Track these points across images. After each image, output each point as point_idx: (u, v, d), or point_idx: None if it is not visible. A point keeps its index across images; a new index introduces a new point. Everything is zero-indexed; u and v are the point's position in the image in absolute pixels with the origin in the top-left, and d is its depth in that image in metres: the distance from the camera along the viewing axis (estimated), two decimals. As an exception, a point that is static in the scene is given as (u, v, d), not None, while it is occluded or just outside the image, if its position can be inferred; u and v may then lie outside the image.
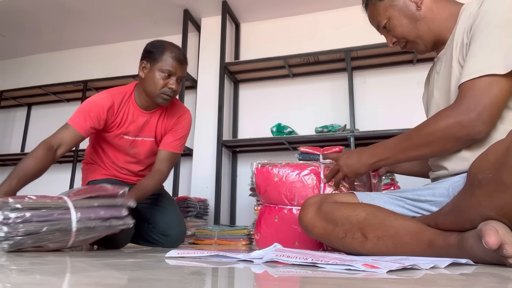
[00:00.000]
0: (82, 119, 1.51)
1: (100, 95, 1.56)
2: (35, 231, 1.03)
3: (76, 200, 1.13)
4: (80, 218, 1.11)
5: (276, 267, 0.71)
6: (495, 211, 0.70)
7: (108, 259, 0.92)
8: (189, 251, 1.02)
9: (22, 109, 3.74)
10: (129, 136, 1.62)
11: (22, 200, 1.06)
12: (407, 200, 1.02)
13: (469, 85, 0.88)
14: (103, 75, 3.30)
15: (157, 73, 1.51)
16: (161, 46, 1.54)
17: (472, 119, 0.87)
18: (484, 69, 0.87)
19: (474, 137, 0.90)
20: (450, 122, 0.90)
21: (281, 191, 1.34)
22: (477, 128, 0.87)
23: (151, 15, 3.15)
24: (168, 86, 1.52)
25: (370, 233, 0.91)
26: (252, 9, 3.05)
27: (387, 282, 0.51)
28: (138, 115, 1.61)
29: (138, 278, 0.56)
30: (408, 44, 1.13)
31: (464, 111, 0.88)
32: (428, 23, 1.06)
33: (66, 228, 1.08)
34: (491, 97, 0.86)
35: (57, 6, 3.04)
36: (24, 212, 1.03)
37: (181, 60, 1.54)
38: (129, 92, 1.61)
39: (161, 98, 1.54)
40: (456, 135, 0.90)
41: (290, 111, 2.90)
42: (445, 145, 0.93)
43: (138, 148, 1.66)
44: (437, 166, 1.05)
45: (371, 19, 1.17)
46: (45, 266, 0.80)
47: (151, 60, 1.53)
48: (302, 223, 1.07)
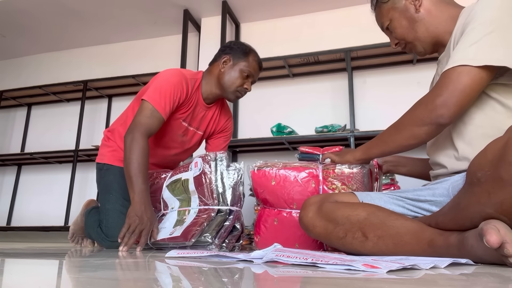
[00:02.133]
0: (168, 103, 1.45)
1: (178, 77, 1.50)
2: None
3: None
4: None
5: (276, 267, 0.71)
6: (494, 208, 0.70)
7: (108, 259, 0.92)
8: (189, 251, 1.01)
9: (22, 109, 3.74)
10: (186, 123, 1.62)
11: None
12: (407, 200, 1.02)
13: (444, 74, 0.93)
14: (103, 75, 3.30)
15: (239, 71, 1.58)
16: (247, 47, 1.63)
17: (437, 104, 0.92)
18: (458, 60, 0.91)
19: (437, 121, 0.93)
20: (417, 106, 0.97)
21: (279, 195, 1.31)
22: (440, 111, 0.92)
23: (151, 15, 3.15)
24: (244, 86, 1.60)
25: (371, 232, 0.91)
26: (252, 9, 3.05)
27: (387, 282, 0.51)
28: (199, 105, 1.64)
29: (138, 278, 0.56)
30: (407, 45, 1.17)
31: (432, 96, 0.94)
32: (426, 25, 1.09)
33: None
34: (459, 84, 0.90)
35: (57, 6, 3.04)
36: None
37: (261, 66, 1.65)
38: (199, 80, 1.63)
39: (234, 95, 1.61)
40: (422, 119, 0.95)
41: (290, 111, 2.89)
42: (413, 129, 0.97)
43: (187, 137, 1.67)
44: (437, 165, 1.06)
45: (377, 20, 1.22)
46: (45, 266, 0.80)
47: (235, 57, 1.59)
48: (302, 223, 1.07)
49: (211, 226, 1.24)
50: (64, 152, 3.09)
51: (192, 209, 1.35)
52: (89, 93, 3.30)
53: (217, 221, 1.26)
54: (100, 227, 1.52)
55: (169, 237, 1.27)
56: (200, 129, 1.69)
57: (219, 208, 1.30)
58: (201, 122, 1.68)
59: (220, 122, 1.75)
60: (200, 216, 1.29)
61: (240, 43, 1.66)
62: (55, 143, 3.36)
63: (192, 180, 1.37)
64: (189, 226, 1.25)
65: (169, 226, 1.34)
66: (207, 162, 1.35)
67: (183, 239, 1.23)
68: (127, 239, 1.27)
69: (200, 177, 1.34)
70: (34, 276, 0.61)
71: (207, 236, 1.21)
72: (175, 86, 1.48)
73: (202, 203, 1.33)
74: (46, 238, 3.21)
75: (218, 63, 1.61)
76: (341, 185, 1.27)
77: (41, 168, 3.49)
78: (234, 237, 1.29)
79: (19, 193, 3.48)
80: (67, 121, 3.43)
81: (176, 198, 1.43)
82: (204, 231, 1.23)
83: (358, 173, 1.26)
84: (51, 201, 3.31)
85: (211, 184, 1.33)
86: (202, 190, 1.34)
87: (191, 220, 1.29)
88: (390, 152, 1.13)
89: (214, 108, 1.71)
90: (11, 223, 3.38)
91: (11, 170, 3.58)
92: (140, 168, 1.33)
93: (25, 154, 3.24)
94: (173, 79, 1.49)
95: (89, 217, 1.63)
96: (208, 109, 1.68)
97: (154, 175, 1.55)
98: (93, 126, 3.40)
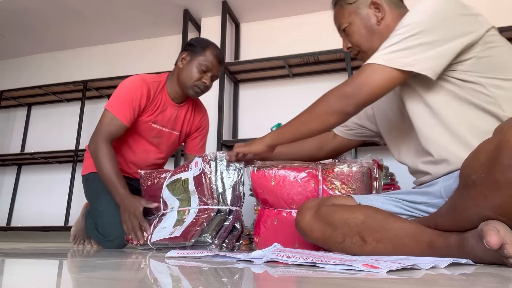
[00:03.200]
0: (127, 110, 1.53)
1: (136, 83, 1.57)
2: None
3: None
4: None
5: (276, 267, 0.71)
6: (492, 210, 0.70)
7: (108, 259, 0.92)
8: (189, 251, 1.02)
9: (22, 109, 3.74)
10: (157, 125, 1.66)
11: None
12: (403, 201, 1.02)
13: (361, 68, 0.99)
14: (103, 75, 3.29)
15: (195, 66, 1.59)
16: (205, 42, 1.64)
17: (346, 94, 0.98)
18: (375, 58, 0.96)
19: (343, 109, 1.00)
20: (329, 95, 1.02)
21: (279, 195, 1.30)
22: (348, 101, 0.98)
23: (151, 15, 3.15)
24: (202, 80, 1.60)
25: (369, 236, 0.91)
26: (252, 9, 3.05)
27: (387, 282, 0.51)
28: (167, 106, 1.66)
29: (138, 278, 0.56)
30: (360, 53, 1.18)
31: (343, 87, 0.99)
32: (383, 39, 1.07)
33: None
34: (369, 79, 0.95)
35: (58, 6, 3.04)
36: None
37: (220, 59, 1.63)
38: (163, 82, 1.66)
39: (193, 90, 1.61)
40: (332, 107, 1.01)
41: (290, 111, 2.87)
42: (324, 117, 1.03)
43: (163, 139, 1.70)
44: (418, 173, 1.06)
45: (335, 18, 1.22)
46: (45, 266, 0.80)
47: (193, 53, 1.61)
48: (299, 227, 1.06)
49: (211, 226, 1.24)
50: (64, 152, 3.08)
51: (192, 209, 1.35)
52: (89, 93, 3.29)
53: (217, 221, 1.26)
54: (96, 230, 1.53)
55: (169, 237, 1.27)
56: (176, 129, 1.72)
57: (219, 208, 1.31)
58: (175, 122, 1.70)
59: (195, 120, 1.78)
60: (200, 216, 1.29)
61: (200, 39, 1.69)
62: (55, 143, 3.36)
63: (192, 180, 1.37)
64: (189, 226, 1.26)
65: (168, 226, 1.34)
66: (207, 162, 1.35)
67: (183, 239, 1.23)
68: (134, 234, 1.38)
69: (200, 177, 1.35)
70: (34, 276, 0.61)
71: (207, 236, 1.21)
72: (133, 92, 1.54)
73: (202, 203, 1.33)
74: (46, 238, 3.21)
75: (178, 61, 1.65)
76: (341, 184, 1.27)
77: (41, 168, 3.49)
78: (234, 237, 1.29)
79: (19, 193, 3.48)
80: (67, 121, 3.43)
81: (176, 197, 1.43)
82: (204, 231, 1.23)
83: (358, 172, 1.26)
84: (51, 201, 3.31)
85: (211, 184, 1.33)
86: (202, 190, 1.34)
87: (191, 220, 1.29)
88: (300, 138, 1.16)
89: (186, 106, 1.73)
90: (11, 223, 3.38)
91: (11, 170, 3.58)
92: (111, 170, 1.45)
93: (25, 154, 3.24)
94: (131, 85, 1.55)
95: (88, 219, 1.64)
96: (179, 108, 1.70)
97: (154, 174, 1.55)
98: (93, 126, 3.33)
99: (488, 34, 0.92)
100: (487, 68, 0.92)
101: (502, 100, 0.91)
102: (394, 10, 1.11)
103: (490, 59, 0.92)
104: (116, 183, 1.44)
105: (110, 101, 1.55)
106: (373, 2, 1.12)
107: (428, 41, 0.91)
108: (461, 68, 0.93)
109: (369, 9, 1.12)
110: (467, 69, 0.93)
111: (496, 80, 0.92)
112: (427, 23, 0.92)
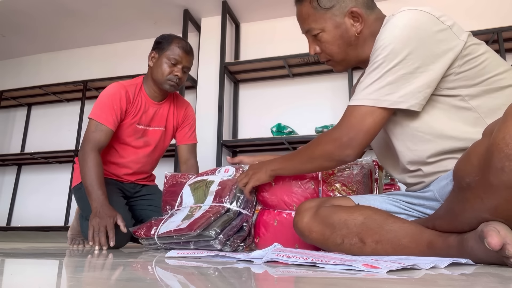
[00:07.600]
0: (109, 114, 1.58)
1: (114, 88, 1.64)
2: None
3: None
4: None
5: (276, 267, 0.71)
6: (490, 212, 0.70)
7: (107, 259, 0.92)
8: (189, 251, 1.02)
9: (22, 109, 3.74)
10: (142, 126, 1.71)
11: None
12: (401, 202, 1.02)
13: (350, 110, 0.96)
14: (103, 75, 3.30)
15: (164, 61, 1.64)
16: (170, 37, 1.69)
17: (344, 143, 0.97)
18: (362, 100, 0.94)
19: (344, 159, 1.00)
20: (328, 142, 1.00)
21: (279, 197, 1.30)
22: (347, 151, 0.97)
23: (151, 15, 3.15)
24: (174, 73, 1.64)
25: (368, 238, 0.90)
26: (252, 9, 3.05)
27: (387, 282, 0.51)
28: (149, 105, 1.72)
29: (138, 278, 0.56)
30: (331, 61, 1.11)
31: (339, 135, 0.97)
32: (358, 51, 1.05)
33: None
34: (363, 125, 0.94)
35: (57, 6, 3.04)
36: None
37: (187, 50, 1.67)
38: (139, 84, 1.73)
39: (168, 85, 1.66)
40: (331, 156, 1.00)
41: (290, 111, 2.89)
42: (323, 163, 1.04)
43: (148, 137, 1.75)
44: (409, 184, 1.05)
45: (302, 18, 1.10)
46: (45, 266, 0.80)
47: (160, 50, 1.66)
48: (297, 228, 1.05)
49: (218, 221, 1.25)
50: (64, 152, 3.09)
51: (203, 205, 1.37)
52: (89, 93, 3.29)
53: (225, 218, 1.26)
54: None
55: (175, 229, 1.28)
56: (161, 125, 1.77)
57: (229, 207, 1.31)
58: (160, 120, 1.76)
59: (179, 113, 1.83)
60: (209, 211, 1.30)
61: (165, 35, 1.71)
62: (55, 143, 3.36)
63: (217, 183, 1.41)
64: (197, 219, 1.26)
65: (177, 220, 1.34)
66: (237, 171, 1.43)
67: (188, 230, 1.23)
68: (97, 238, 1.39)
69: (226, 181, 1.39)
70: (34, 276, 0.61)
71: (212, 231, 1.21)
72: (112, 96, 1.61)
73: (215, 201, 1.35)
74: (46, 238, 3.21)
75: (148, 60, 1.70)
76: (341, 186, 1.27)
77: (41, 168, 3.49)
78: (240, 238, 1.29)
79: (19, 193, 3.48)
80: (67, 121, 3.43)
81: (193, 196, 1.45)
82: (211, 225, 1.23)
83: (358, 173, 1.26)
84: (51, 201, 3.31)
85: (232, 187, 1.36)
86: (221, 190, 1.36)
87: (200, 214, 1.30)
88: (300, 174, 1.23)
89: (168, 103, 1.79)
90: (11, 223, 3.38)
91: (11, 170, 3.58)
92: (95, 177, 1.47)
93: (25, 154, 3.24)
94: (109, 92, 1.63)
95: (83, 222, 1.64)
96: (161, 105, 1.76)
97: (178, 175, 1.60)
98: (93, 126, 3.39)
99: (465, 47, 0.89)
100: (466, 82, 0.90)
101: (484, 113, 0.89)
102: (370, 16, 1.03)
103: (469, 73, 0.90)
104: (98, 189, 1.46)
105: (93, 110, 1.60)
106: (352, 12, 1.01)
107: (410, 70, 0.88)
108: (441, 86, 0.91)
109: (347, 19, 1.02)
110: (447, 86, 0.91)
111: (476, 92, 0.90)
112: (404, 50, 0.88)
